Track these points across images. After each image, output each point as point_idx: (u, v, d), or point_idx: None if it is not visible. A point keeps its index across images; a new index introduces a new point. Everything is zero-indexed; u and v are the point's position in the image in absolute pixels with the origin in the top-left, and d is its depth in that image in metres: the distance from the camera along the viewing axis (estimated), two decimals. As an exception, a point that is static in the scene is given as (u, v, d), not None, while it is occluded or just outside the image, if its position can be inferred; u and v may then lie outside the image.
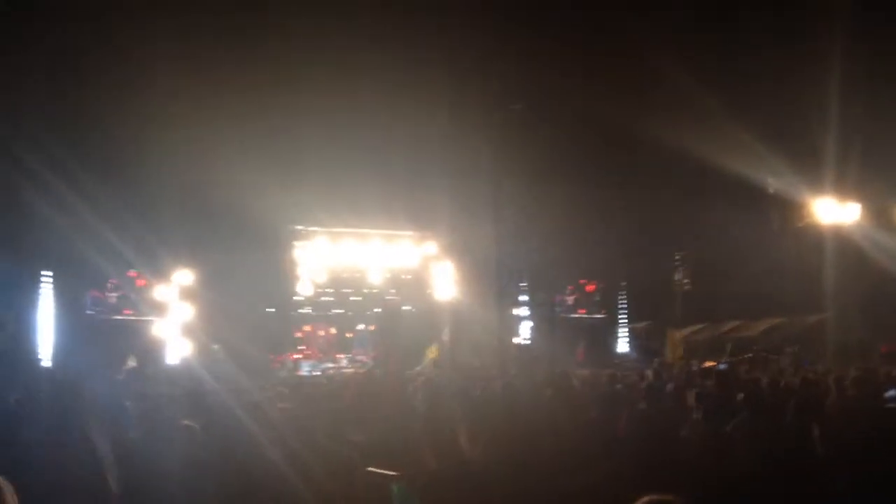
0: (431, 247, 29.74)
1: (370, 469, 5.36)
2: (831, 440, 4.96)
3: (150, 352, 23.96)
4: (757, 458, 4.86)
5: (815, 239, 24.80)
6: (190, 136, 21.68)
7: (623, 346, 35.16)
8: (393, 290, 29.68)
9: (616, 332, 35.44)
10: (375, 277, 29.88)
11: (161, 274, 25.20)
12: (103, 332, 24.86)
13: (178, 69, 20.71)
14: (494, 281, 20.25)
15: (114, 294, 25.94)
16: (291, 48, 21.52)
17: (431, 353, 27.07)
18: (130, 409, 7.27)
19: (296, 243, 28.80)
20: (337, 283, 30.32)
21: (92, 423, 5.13)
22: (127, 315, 25.94)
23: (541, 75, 19.44)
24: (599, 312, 36.22)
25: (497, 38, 18.73)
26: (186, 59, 20.72)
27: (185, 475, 4.58)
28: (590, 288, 36.42)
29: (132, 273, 26.07)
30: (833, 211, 23.56)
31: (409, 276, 30.83)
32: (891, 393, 8.04)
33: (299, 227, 28.62)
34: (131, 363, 22.38)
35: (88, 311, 25.02)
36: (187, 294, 25.10)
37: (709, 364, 21.49)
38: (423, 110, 22.39)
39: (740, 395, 6.37)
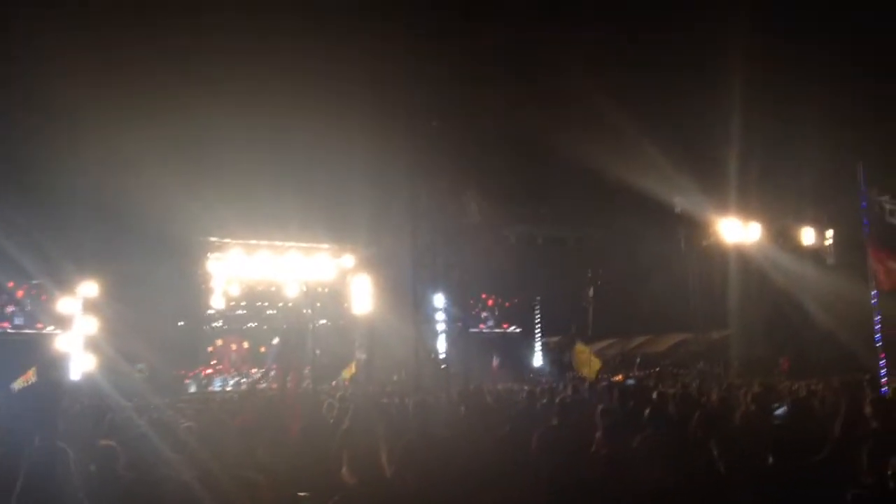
0: (349, 260, 29.57)
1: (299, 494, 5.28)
2: (732, 456, 5.14)
3: (51, 366, 22.96)
4: (662, 474, 4.99)
5: (719, 257, 25.73)
6: (98, 141, 20.94)
7: (538, 360, 35.75)
8: (308, 307, 29.35)
9: (531, 347, 36.01)
10: (291, 291, 29.50)
11: (64, 285, 24.23)
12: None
13: (87, 72, 20.01)
14: (410, 295, 20.25)
15: (10, 306, 24.84)
16: (208, 52, 21.08)
17: (348, 371, 26.87)
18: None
19: (209, 255, 28.15)
20: (251, 296, 29.81)
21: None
22: (22, 329, 24.89)
23: (459, 92, 19.66)
24: (515, 327, 36.77)
25: (418, 55, 18.85)
26: (96, 61, 20.05)
27: (101, 496, 4.42)
28: (505, 303, 36.92)
29: (32, 284, 25.03)
30: (736, 231, 24.48)
31: (326, 290, 30.55)
32: (779, 411, 8.42)
33: (213, 239, 27.98)
34: (31, 378, 21.40)
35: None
36: (92, 306, 24.18)
37: (618, 379, 22.02)
38: (342, 123, 22.26)
39: (647, 411, 6.55)
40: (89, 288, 23.99)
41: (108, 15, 19.95)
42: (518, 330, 36.58)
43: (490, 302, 36.00)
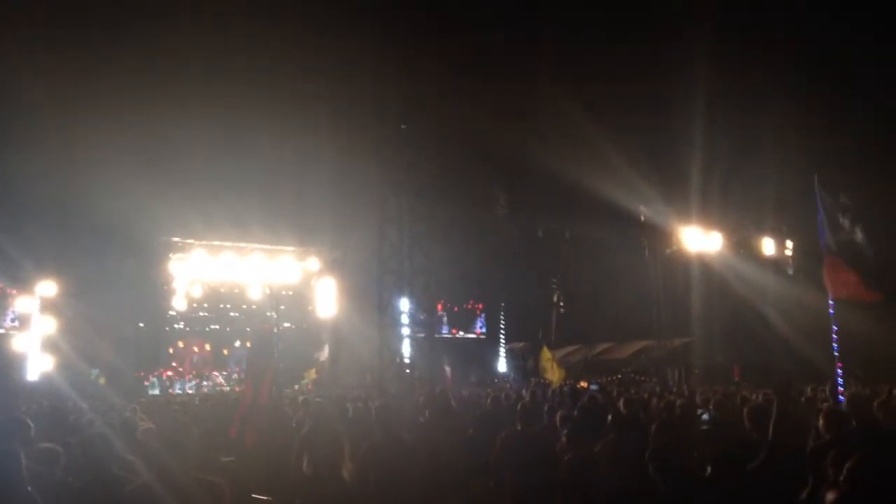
0: (314, 263, 29.38)
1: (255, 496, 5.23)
2: (692, 461, 5.20)
3: (7, 367, 22.48)
4: (624, 478, 5.04)
5: (682, 266, 26.05)
6: (58, 139, 20.59)
7: (502, 365, 35.87)
8: (272, 310, 29.11)
9: (496, 352, 36.12)
10: (255, 293, 29.22)
11: (22, 284, 23.75)
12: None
13: (49, 71, 19.69)
14: (376, 299, 20.19)
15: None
16: (172, 55, 20.87)
17: (310, 374, 26.71)
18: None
19: (171, 255, 27.76)
20: (214, 298, 29.50)
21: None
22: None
23: (429, 97, 19.68)
24: (480, 332, 36.87)
25: (387, 58, 18.84)
26: (57, 60, 19.73)
27: (46, 501, 4.32)
28: (472, 307, 37.01)
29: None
30: (699, 240, 24.83)
31: (291, 293, 30.33)
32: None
33: (175, 239, 27.60)
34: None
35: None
36: (50, 306, 23.72)
37: (582, 385, 22.17)
38: (309, 125, 22.16)
39: (609, 417, 6.60)
40: (47, 287, 23.54)
41: (70, 14, 19.66)
42: (483, 335, 36.68)
43: (455, 307, 36.06)
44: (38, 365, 23.14)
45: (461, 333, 35.55)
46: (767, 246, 25.88)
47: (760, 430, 5.64)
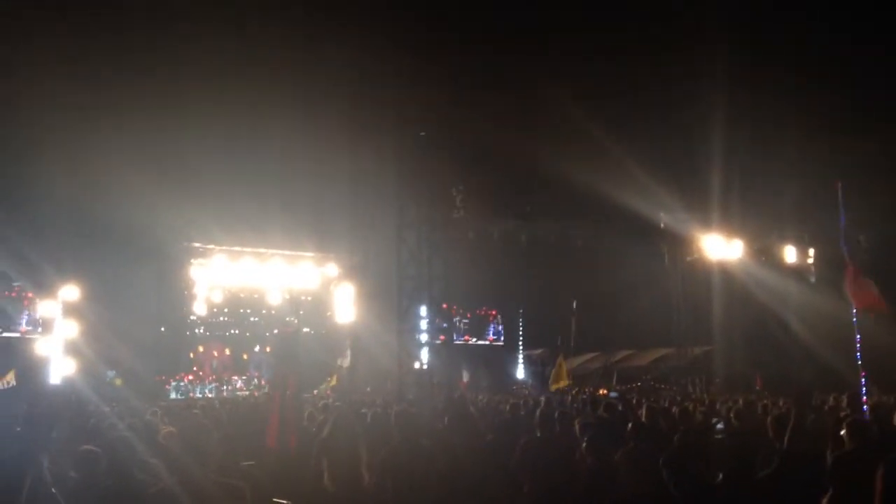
0: (333, 268, 29.50)
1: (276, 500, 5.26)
2: (705, 469, 5.18)
3: (30, 370, 22.72)
4: (645, 488, 5.01)
5: (702, 273, 25.87)
6: (80, 145, 20.81)
7: (520, 372, 35.80)
8: (292, 315, 29.22)
9: (514, 359, 36.05)
10: (274, 298, 29.39)
11: (45, 289, 24.02)
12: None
13: (70, 78, 19.92)
14: (395, 304, 20.24)
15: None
16: (192, 61, 21.04)
17: (331, 380, 26.79)
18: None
19: (192, 261, 28.01)
20: (234, 303, 29.66)
21: None
22: (2, 332, 24.67)
23: (447, 105, 19.74)
24: (498, 338, 36.79)
25: (405, 66, 18.91)
26: (78, 68, 19.96)
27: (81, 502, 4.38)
28: (489, 314, 36.95)
29: (12, 287, 24.81)
30: (720, 247, 24.66)
31: (310, 298, 30.46)
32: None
33: (196, 245, 27.85)
34: (10, 381, 21.17)
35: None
36: (72, 310, 23.96)
37: (601, 392, 22.06)
38: (328, 131, 22.26)
39: (629, 425, 6.57)
40: (70, 291, 23.78)
41: (88, 21, 19.89)
42: (501, 342, 36.60)
43: (472, 314, 36.02)
44: (60, 369, 23.37)
45: (473, 340, 35.50)
46: (789, 254, 25.67)
47: (782, 439, 5.60)
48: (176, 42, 20.74)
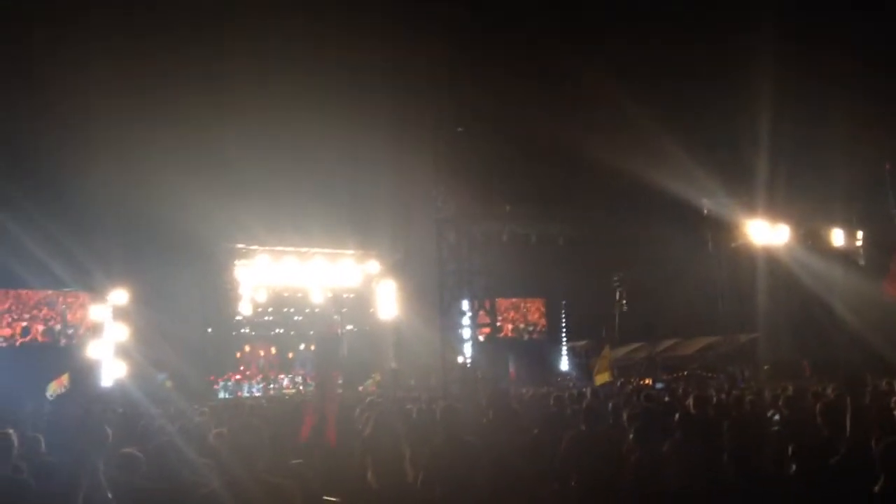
0: (374, 265, 29.66)
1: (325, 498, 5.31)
2: (765, 460, 5.11)
3: (83, 373, 23.27)
4: (694, 479, 4.96)
5: (747, 260, 25.43)
6: (125, 149, 21.23)
7: (564, 364, 35.62)
8: (335, 313, 29.41)
9: (558, 351, 35.87)
10: (317, 297, 29.66)
11: (95, 292, 24.57)
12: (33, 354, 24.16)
13: (115, 81, 20.31)
14: (437, 300, 20.25)
15: (43, 314, 25.26)
16: (235, 65, 21.32)
17: (376, 377, 26.96)
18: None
19: (236, 262, 28.41)
20: (278, 302, 29.99)
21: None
22: (55, 336, 25.27)
23: (484, 98, 19.66)
24: (541, 331, 36.66)
25: (443, 61, 18.89)
26: (123, 71, 20.33)
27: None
28: (533, 306, 36.84)
29: (64, 292, 25.41)
30: (764, 232, 24.20)
31: (352, 296, 30.68)
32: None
33: (240, 246, 28.26)
34: (65, 384, 21.73)
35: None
36: (122, 314, 24.48)
37: (646, 383, 21.83)
38: (367, 129, 22.38)
39: (676, 415, 6.50)
40: (119, 295, 24.30)
41: (133, 25, 20.23)
42: (545, 334, 36.47)
43: (515, 308, 35.95)
44: (111, 371, 23.89)
45: (529, 332, 35.50)
46: (837, 237, 25.10)
47: (834, 427, 5.48)
48: (217, 46, 21.02)
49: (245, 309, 28.80)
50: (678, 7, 21.55)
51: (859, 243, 25.24)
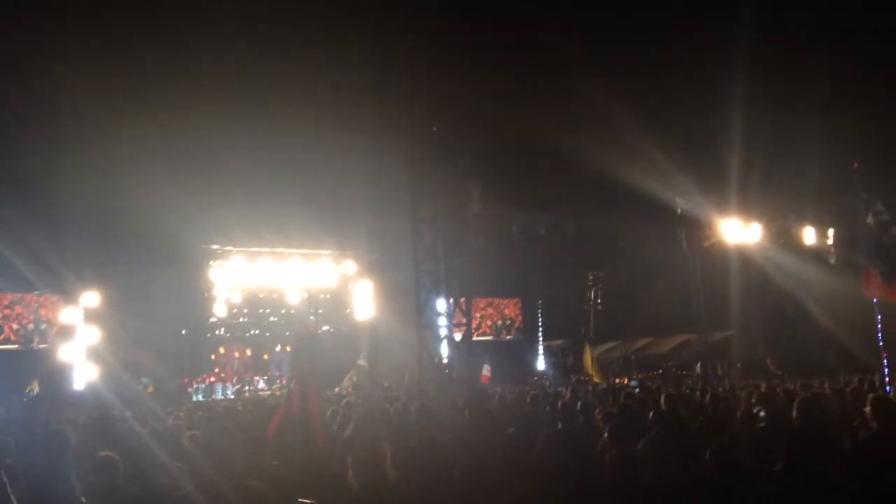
0: (351, 266, 29.56)
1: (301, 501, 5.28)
2: (737, 455, 5.15)
3: (54, 377, 22.96)
4: (669, 476, 4.99)
5: (720, 258, 25.66)
6: (97, 149, 20.94)
7: (541, 363, 35.69)
8: (311, 314, 29.28)
9: (534, 350, 35.94)
10: (293, 297, 29.51)
11: (66, 295, 24.25)
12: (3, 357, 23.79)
13: (88, 80, 20.03)
14: (413, 300, 20.20)
15: (12, 317, 24.90)
16: (207, 62, 21.10)
17: (351, 377, 26.85)
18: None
19: (211, 263, 28.18)
20: (253, 303, 29.81)
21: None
22: (24, 339, 24.92)
23: (460, 98, 19.64)
24: (518, 328, 36.74)
25: (418, 59, 18.84)
26: (96, 69, 20.06)
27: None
28: (508, 305, 36.91)
29: (34, 294, 25.05)
30: (738, 231, 24.43)
31: (328, 296, 30.56)
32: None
33: (214, 247, 28.03)
34: (34, 389, 21.44)
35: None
36: (94, 316, 24.18)
37: (622, 381, 21.97)
38: (342, 130, 22.26)
39: (651, 413, 6.55)
40: (91, 298, 24.00)
41: (107, 23, 19.97)
42: (521, 333, 36.55)
43: (492, 305, 36.02)
44: (83, 375, 23.58)
45: (504, 332, 35.57)
46: (808, 235, 25.41)
47: (809, 422, 5.56)
48: (194, 45, 20.80)
49: (220, 310, 28.58)
50: (653, 5, 21.70)
51: (830, 241, 25.57)
